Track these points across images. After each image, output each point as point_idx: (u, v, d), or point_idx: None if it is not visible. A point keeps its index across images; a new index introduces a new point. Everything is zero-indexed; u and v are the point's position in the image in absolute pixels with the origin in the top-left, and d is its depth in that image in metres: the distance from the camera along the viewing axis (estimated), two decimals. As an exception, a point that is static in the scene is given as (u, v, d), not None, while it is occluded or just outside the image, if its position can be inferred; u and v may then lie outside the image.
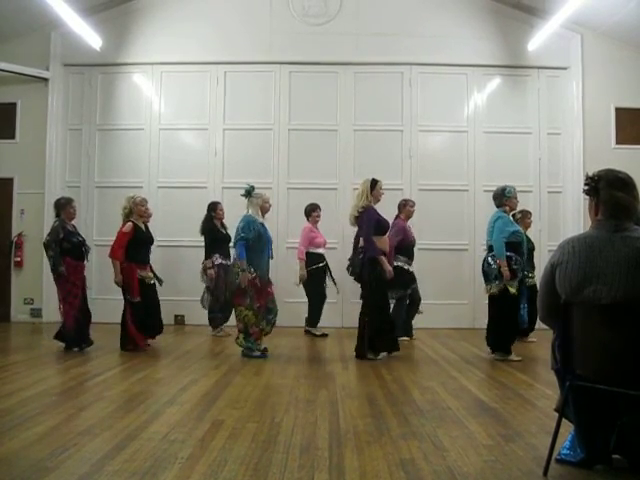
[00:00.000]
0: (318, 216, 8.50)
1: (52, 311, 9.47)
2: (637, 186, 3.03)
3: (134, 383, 5.17)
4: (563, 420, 3.04)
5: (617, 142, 9.54)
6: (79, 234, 7.13)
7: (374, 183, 6.59)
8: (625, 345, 2.77)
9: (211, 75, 9.74)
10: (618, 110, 9.57)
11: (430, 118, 9.66)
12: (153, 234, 7.39)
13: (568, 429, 3.19)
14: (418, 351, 7.17)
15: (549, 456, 2.99)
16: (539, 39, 9.18)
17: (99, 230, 9.61)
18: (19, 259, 9.54)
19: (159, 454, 3.24)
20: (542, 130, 9.67)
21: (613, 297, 2.78)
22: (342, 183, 9.57)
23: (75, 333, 6.81)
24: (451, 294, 9.14)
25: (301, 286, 8.31)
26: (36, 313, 9.44)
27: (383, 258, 6.37)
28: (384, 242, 6.51)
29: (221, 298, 8.01)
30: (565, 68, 9.66)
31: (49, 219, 9.34)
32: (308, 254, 8.26)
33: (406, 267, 7.68)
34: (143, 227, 7.05)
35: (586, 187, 3.05)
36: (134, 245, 6.82)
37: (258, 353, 6.46)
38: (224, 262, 8.09)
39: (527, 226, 7.76)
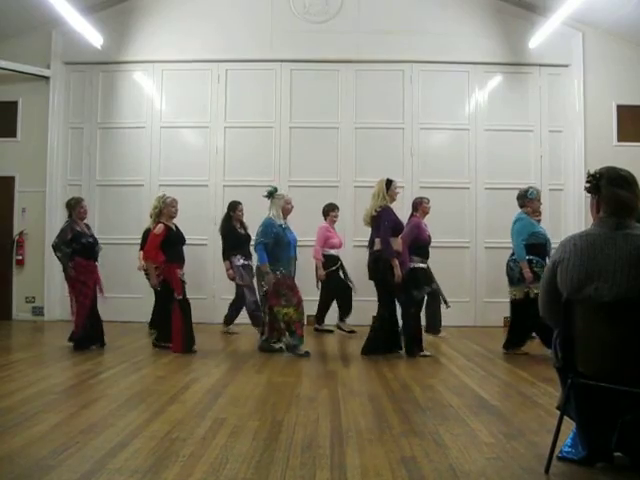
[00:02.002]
0: (336, 216, 8.51)
1: (53, 309, 9.52)
2: (638, 183, 3.03)
3: (136, 381, 5.18)
4: (565, 418, 3.04)
5: (619, 139, 9.53)
6: (90, 235, 7.10)
7: (389, 183, 6.61)
8: (627, 343, 2.76)
9: (212, 73, 9.73)
10: (620, 107, 9.55)
11: (431, 116, 9.65)
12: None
13: (570, 427, 3.18)
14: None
15: (551, 454, 2.99)
16: (540, 37, 9.16)
17: (100, 229, 9.58)
18: (20, 258, 9.55)
19: (161, 452, 3.24)
20: (543, 128, 9.66)
21: (615, 295, 2.78)
22: (343, 181, 9.57)
23: (85, 333, 6.81)
24: (452, 292, 9.08)
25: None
26: (37, 311, 9.45)
27: (396, 261, 6.38)
28: (398, 243, 6.54)
29: (253, 298, 7.97)
30: (566, 66, 9.65)
31: (50, 218, 9.40)
32: (323, 255, 8.28)
33: (421, 266, 7.64)
34: (174, 227, 6.98)
35: (587, 185, 3.05)
36: (169, 246, 6.76)
37: (303, 351, 6.46)
38: (246, 262, 8.04)
39: None
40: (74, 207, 7.09)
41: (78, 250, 6.87)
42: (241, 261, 8.04)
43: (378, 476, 2.93)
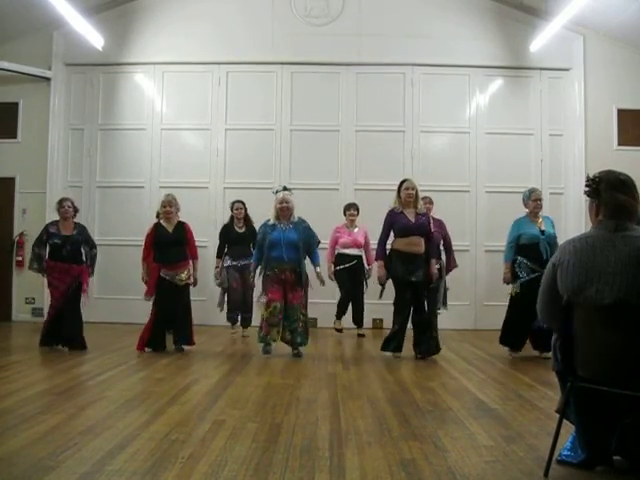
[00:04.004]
0: (352, 215, 8.46)
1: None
2: (637, 187, 3.04)
3: (135, 383, 5.18)
4: (564, 421, 3.03)
5: (619, 143, 9.54)
6: (62, 235, 7.00)
7: (400, 185, 6.69)
8: (627, 346, 2.76)
9: (213, 75, 9.75)
10: (620, 111, 9.56)
11: (432, 119, 9.66)
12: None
13: (569, 430, 3.18)
14: (419, 352, 7.15)
15: (550, 457, 2.98)
16: (541, 40, 9.18)
17: (100, 230, 9.62)
18: (20, 259, 9.54)
19: (160, 454, 3.24)
20: (544, 131, 9.67)
21: (615, 297, 2.78)
22: (344, 183, 9.58)
23: (46, 331, 6.91)
24: (452, 295, 9.09)
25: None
26: (37, 313, 9.43)
27: (380, 262, 6.59)
28: (403, 243, 6.56)
29: (235, 298, 8.20)
30: (567, 69, 9.66)
31: (51, 219, 9.35)
32: (337, 254, 8.40)
33: None
34: (170, 228, 6.98)
35: (587, 189, 3.06)
36: (155, 246, 6.88)
37: (261, 346, 6.69)
38: (233, 263, 8.15)
39: None
40: (57, 207, 7.17)
41: (49, 252, 6.98)
42: (228, 262, 8.21)
43: (377, 479, 2.93)
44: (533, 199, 6.78)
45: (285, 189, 6.80)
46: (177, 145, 9.74)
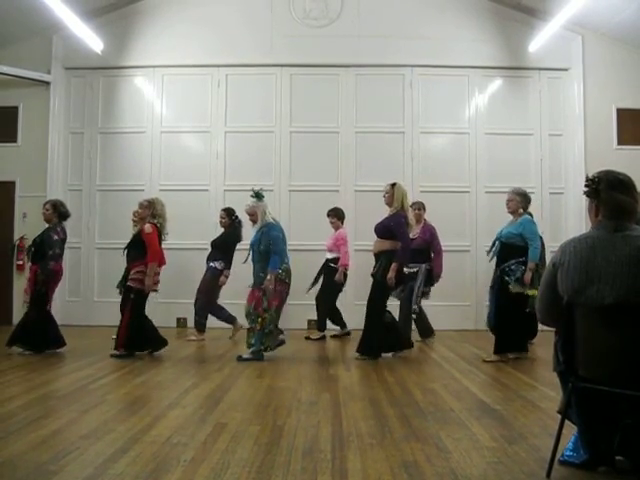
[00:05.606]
0: (330, 222, 8.47)
1: (54, 315, 9.47)
2: (636, 187, 3.04)
3: (136, 386, 5.17)
4: (566, 421, 3.03)
5: (619, 143, 9.55)
6: (38, 236, 7.09)
7: None
8: (628, 346, 2.76)
9: (212, 78, 9.76)
10: (620, 111, 9.57)
11: (431, 120, 9.67)
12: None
13: (571, 430, 3.18)
14: (420, 353, 7.16)
15: (552, 458, 2.98)
16: (540, 40, 9.19)
17: (101, 233, 9.63)
18: (21, 262, 9.54)
19: (161, 457, 3.23)
20: (544, 131, 9.67)
21: (616, 297, 2.78)
22: (344, 185, 9.58)
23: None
24: (453, 296, 9.13)
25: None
26: (38, 316, 9.41)
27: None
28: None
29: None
30: (566, 69, 9.67)
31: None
32: None
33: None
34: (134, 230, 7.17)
35: (586, 189, 3.05)
36: None
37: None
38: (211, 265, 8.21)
39: None
40: None
41: None
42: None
43: (379, 481, 2.93)
44: (507, 198, 6.70)
45: (256, 195, 6.62)
46: (177, 148, 9.75)
